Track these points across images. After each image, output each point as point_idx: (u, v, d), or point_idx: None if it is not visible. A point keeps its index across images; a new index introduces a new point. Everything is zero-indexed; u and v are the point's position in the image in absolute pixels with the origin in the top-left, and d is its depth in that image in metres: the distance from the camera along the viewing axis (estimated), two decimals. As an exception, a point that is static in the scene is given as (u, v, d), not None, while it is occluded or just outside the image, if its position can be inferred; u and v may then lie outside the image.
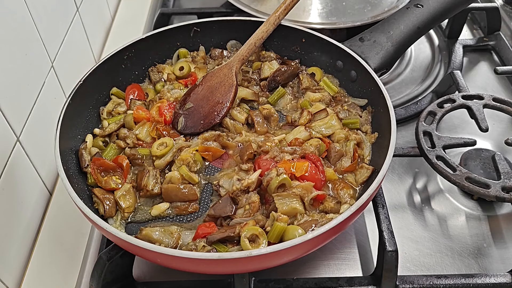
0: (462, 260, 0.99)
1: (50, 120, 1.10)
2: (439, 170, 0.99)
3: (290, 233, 0.81)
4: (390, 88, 1.37)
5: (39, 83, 1.11)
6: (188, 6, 1.71)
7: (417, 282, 0.92)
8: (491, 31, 1.50)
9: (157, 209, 0.94)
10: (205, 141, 1.02)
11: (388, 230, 0.91)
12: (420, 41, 1.50)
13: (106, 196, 0.93)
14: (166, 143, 1.01)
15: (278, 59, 1.21)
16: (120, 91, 1.13)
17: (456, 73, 1.26)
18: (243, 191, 0.91)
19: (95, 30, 1.49)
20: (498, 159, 1.01)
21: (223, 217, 0.90)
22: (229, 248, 0.84)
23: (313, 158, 0.95)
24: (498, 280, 0.92)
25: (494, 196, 0.94)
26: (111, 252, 0.85)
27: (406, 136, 1.23)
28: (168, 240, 0.87)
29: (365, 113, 1.08)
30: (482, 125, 1.08)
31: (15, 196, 0.99)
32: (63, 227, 1.07)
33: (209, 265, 0.77)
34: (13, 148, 0.99)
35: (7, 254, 0.96)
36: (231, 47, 1.25)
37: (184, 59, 1.22)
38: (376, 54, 1.09)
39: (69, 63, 1.27)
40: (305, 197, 0.88)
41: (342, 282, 0.92)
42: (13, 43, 1.00)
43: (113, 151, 1.02)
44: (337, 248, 1.00)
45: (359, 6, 1.42)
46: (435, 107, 1.12)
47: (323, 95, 1.12)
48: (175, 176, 0.95)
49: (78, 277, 0.97)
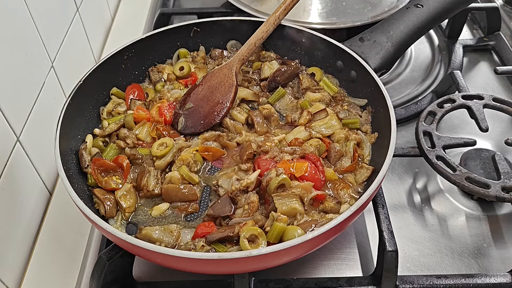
0: (462, 260, 0.99)
1: (50, 120, 1.10)
2: (439, 170, 0.99)
3: (289, 233, 0.81)
4: (390, 88, 1.37)
5: (39, 83, 1.11)
6: (188, 6, 1.71)
7: (417, 282, 0.92)
8: (491, 31, 1.50)
9: (157, 209, 0.94)
10: (205, 141, 1.02)
11: (388, 230, 0.91)
12: (420, 41, 1.50)
13: (107, 197, 0.93)
14: (166, 143, 1.01)
15: (278, 59, 1.21)
16: (120, 91, 1.13)
17: (456, 73, 1.26)
18: (242, 191, 0.91)
19: (95, 30, 1.49)
20: (498, 159, 1.01)
21: (222, 217, 0.90)
22: (228, 248, 0.84)
23: (313, 158, 0.95)
24: (498, 280, 0.92)
25: (494, 196, 0.94)
26: (111, 252, 0.85)
27: (406, 136, 1.23)
28: (168, 238, 0.87)
29: (365, 113, 1.08)
30: (482, 125, 1.08)
31: (15, 196, 0.99)
32: (63, 227, 1.07)
33: (209, 265, 0.77)
34: (13, 148, 0.99)
35: (7, 254, 0.96)
36: (231, 47, 1.25)
37: (184, 59, 1.22)
38: (376, 54, 1.09)
39: (69, 63, 1.27)
40: (304, 197, 0.88)
41: (342, 282, 0.92)
42: (13, 43, 1.00)
43: (113, 151, 1.02)
44: (337, 248, 1.00)
45: (359, 6, 1.42)
46: (435, 107, 1.12)
47: (323, 95, 1.12)
48: (175, 176, 0.95)
49: (78, 277, 0.97)
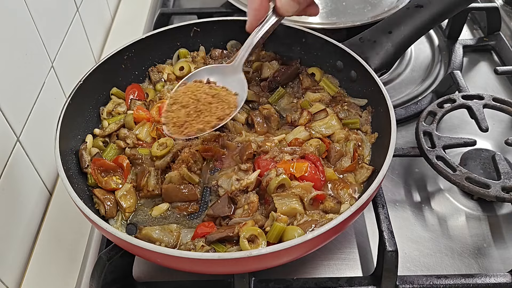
0: (462, 260, 0.99)
1: (50, 120, 1.10)
2: (439, 170, 0.99)
3: (289, 233, 0.81)
4: (390, 88, 1.37)
5: (39, 83, 1.11)
6: (188, 6, 1.71)
7: (417, 282, 0.92)
8: (491, 31, 1.50)
9: (157, 210, 0.94)
10: (205, 141, 1.02)
11: (388, 230, 0.91)
12: (420, 41, 1.50)
13: (107, 197, 0.93)
14: (166, 143, 1.01)
15: (278, 59, 1.21)
16: (120, 91, 1.13)
17: (456, 73, 1.26)
18: (242, 191, 0.91)
19: (95, 30, 1.49)
20: (498, 159, 1.01)
21: (222, 217, 0.90)
22: (228, 248, 0.84)
23: (313, 158, 0.95)
24: (498, 280, 0.92)
25: (494, 196, 0.94)
26: (111, 252, 0.85)
27: (406, 136, 1.23)
28: (168, 238, 0.88)
29: (365, 113, 1.08)
30: (482, 125, 1.08)
31: (15, 196, 0.99)
32: (63, 227, 1.07)
33: (209, 265, 0.77)
34: (13, 148, 0.99)
35: (7, 254, 0.96)
36: (231, 47, 1.25)
37: (184, 59, 1.22)
38: (376, 54, 1.09)
39: (69, 63, 1.27)
40: (304, 197, 0.88)
41: (342, 282, 0.92)
42: (13, 43, 1.00)
43: (113, 151, 1.02)
44: (337, 248, 1.00)
45: (359, 6, 1.42)
46: (435, 107, 1.12)
47: (322, 95, 1.12)
48: (175, 176, 0.95)
49: (78, 277, 0.97)
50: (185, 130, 0.92)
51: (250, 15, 0.88)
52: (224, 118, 0.93)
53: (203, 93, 0.95)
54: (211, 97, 0.95)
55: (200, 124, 0.92)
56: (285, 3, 0.85)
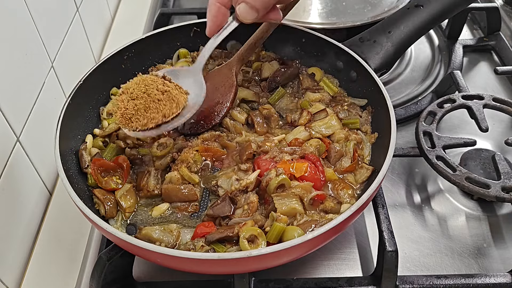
0: (462, 260, 0.99)
1: (50, 120, 1.10)
2: (439, 170, 0.99)
3: (289, 233, 0.81)
4: (390, 88, 1.37)
5: (39, 83, 1.11)
6: (188, 6, 1.71)
7: (417, 282, 0.92)
8: (491, 31, 1.50)
9: (157, 210, 0.94)
10: (205, 141, 1.02)
11: (388, 230, 0.91)
12: (420, 41, 1.50)
13: (107, 197, 0.93)
14: (166, 143, 1.01)
15: (278, 59, 1.21)
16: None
17: (456, 73, 1.26)
18: (242, 191, 0.91)
19: (95, 30, 1.49)
20: (498, 159, 1.01)
21: (221, 217, 0.90)
22: (227, 248, 0.84)
23: (313, 158, 0.95)
24: (498, 280, 0.92)
25: (494, 196, 0.94)
26: (111, 252, 0.85)
27: (406, 136, 1.23)
28: (168, 238, 0.88)
29: (365, 113, 1.08)
30: (482, 125, 1.08)
31: (15, 196, 0.99)
32: (63, 227, 1.07)
33: (209, 265, 0.77)
34: (13, 148, 0.99)
35: (7, 254, 0.96)
36: (231, 47, 1.25)
37: (184, 59, 1.21)
38: (376, 54, 1.09)
39: (69, 63, 1.27)
40: (304, 197, 0.88)
41: (342, 282, 0.92)
42: (13, 43, 1.00)
43: (113, 152, 1.02)
44: (337, 248, 1.00)
45: (359, 6, 1.41)
46: (435, 107, 1.12)
47: (322, 95, 1.12)
48: (175, 176, 0.95)
49: (78, 277, 0.98)
50: (132, 124, 0.90)
51: (208, 21, 0.92)
52: (169, 116, 0.91)
53: (154, 88, 0.93)
54: (161, 94, 0.92)
55: (145, 119, 0.90)
56: (243, 10, 0.88)
